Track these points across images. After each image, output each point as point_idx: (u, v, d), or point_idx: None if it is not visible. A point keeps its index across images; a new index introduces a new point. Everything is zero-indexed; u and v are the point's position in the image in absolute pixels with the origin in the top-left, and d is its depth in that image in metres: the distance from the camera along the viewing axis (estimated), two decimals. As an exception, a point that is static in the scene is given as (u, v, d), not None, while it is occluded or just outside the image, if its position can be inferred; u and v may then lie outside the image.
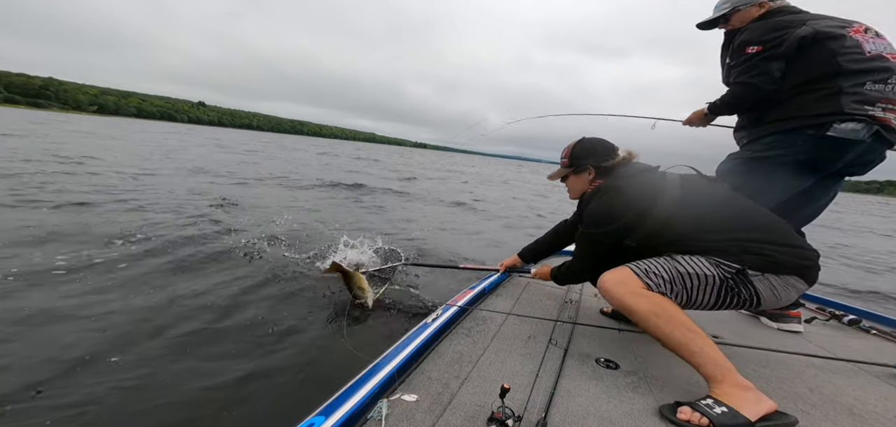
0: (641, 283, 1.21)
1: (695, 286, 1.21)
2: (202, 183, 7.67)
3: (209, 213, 4.94)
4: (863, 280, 5.52)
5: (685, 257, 1.24)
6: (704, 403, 1.03)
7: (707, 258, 1.21)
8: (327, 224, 4.99)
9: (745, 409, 0.99)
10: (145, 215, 4.46)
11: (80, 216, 4.12)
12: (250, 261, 3.25)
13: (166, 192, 6.14)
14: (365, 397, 0.97)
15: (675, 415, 1.03)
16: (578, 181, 1.61)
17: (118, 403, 1.52)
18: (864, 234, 12.07)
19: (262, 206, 5.88)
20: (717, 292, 1.21)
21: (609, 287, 1.27)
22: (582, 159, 1.57)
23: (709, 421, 0.98)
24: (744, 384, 1.05)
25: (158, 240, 3.50)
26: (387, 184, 11.53)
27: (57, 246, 3.10)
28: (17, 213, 4.00)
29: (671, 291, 1.21)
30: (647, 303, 1.18)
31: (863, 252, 8.07)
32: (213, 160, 12.88)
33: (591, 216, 1.44)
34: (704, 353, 1.09)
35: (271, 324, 2.23)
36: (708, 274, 1.19)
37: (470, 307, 1.73)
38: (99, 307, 2.21)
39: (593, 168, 1.56)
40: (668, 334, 1.13)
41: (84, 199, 4.87)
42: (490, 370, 1.22)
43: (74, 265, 2.74)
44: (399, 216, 6.76)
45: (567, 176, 1.64)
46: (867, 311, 2.37)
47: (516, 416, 0.95)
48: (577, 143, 1.60)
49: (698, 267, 1.20)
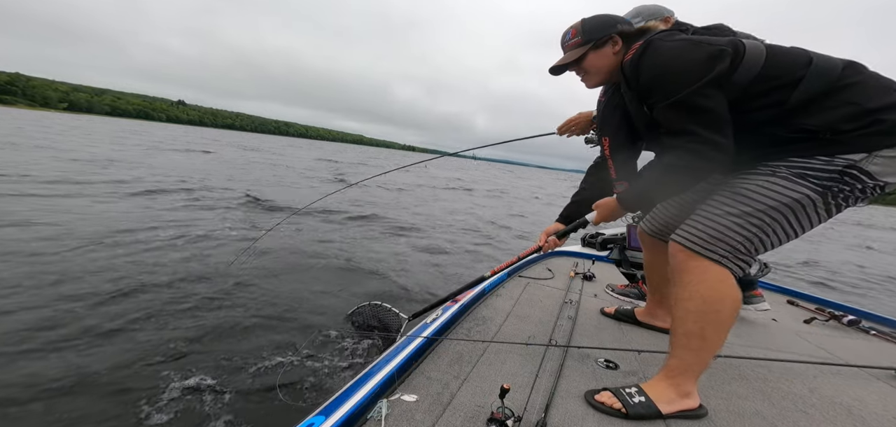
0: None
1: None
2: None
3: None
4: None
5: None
6: (627, 392, 1.08)
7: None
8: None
9: (662, 403, 1.04)
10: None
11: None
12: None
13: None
14: (365, 397, 0.97)
15: (594, 398, 1.09)
16: (601, 58, 1.22)
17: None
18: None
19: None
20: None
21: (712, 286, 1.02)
22: (603, 28, 1.20)
23: (622, 406, 1.04)
24: (685, 391, 1.06)
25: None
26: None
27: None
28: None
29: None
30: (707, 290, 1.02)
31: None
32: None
33: (677, 57, 1.00)
34: (699, 354, 1.06)
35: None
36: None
37: (470, 307, 1.73)
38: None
39: (620, 36, 1.19)
40: (691, 328, 1.05)
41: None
42: (490, 370, 1.22)
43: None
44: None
45: (583, 57, 1.23)
46: (867, 311, 2.37)
47: (516, 417, 0.96)
48: (588, 17, 1.25)
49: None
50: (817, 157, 0.95)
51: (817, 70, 0.94)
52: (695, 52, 0.98)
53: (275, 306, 2.77)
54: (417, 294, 3.46)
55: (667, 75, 1.00)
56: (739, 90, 0.98)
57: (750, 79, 0.97)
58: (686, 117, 0.98)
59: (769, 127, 1.00)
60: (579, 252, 3.21)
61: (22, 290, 2.53)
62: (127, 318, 2.34)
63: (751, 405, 1.18)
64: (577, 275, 2.54)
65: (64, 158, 9.84)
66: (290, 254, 4.05)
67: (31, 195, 5.30)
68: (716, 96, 0.96)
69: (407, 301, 3.23)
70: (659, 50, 1.03)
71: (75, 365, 1.88)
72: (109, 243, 3.64)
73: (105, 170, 8.75)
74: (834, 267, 7.92)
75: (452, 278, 4.08)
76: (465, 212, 9.86)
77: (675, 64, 1.00)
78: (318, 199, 3.60)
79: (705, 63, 0.95)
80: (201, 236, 4.32)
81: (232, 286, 3.02)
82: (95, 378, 1.81)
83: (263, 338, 2.33)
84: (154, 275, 3.04)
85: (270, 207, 6.82)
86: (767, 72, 0.97)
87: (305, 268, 3.73)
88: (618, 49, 1.20)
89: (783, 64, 0.97)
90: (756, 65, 0.97)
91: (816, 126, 0.93)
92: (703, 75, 0.95)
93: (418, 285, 3.70)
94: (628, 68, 1.11)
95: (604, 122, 1.44)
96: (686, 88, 0.96)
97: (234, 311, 2.64)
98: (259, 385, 1.87)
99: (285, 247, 4.27)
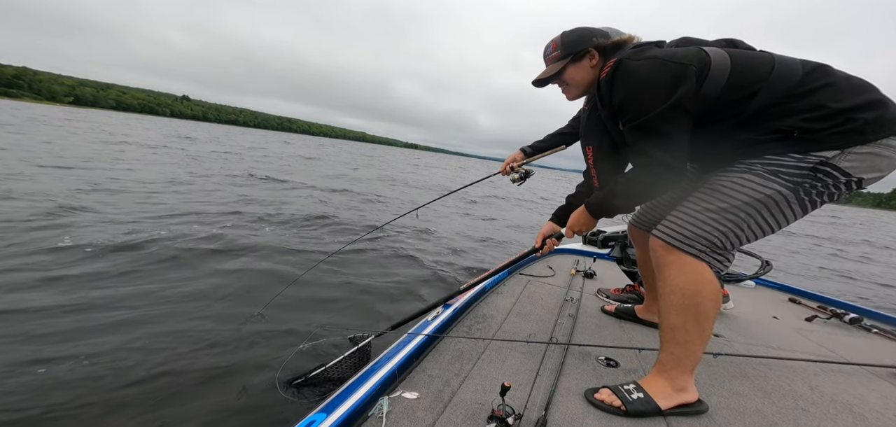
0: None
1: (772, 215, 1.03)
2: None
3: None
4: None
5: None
6: (625, 388, 1.10)
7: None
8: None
9: (660, 399, 1.06)
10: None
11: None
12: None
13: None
14: (366, 395, 0.98)
15: (593, 396, 1.10)
16: (579, 71, 1.26)
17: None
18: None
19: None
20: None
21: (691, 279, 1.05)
22: (580, 42, 1.23)
23: (622, 404, 1.05)
24: (680, 386, 1.08)
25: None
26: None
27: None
28: None
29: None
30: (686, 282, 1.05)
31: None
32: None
33: (643, 81, 1.03)
34: (686, 346, 1.06)
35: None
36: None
37: (471, 305, 1.73)
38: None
39: (597, 50, 1.22)
40: (674, 321, 1.07)
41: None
42: (490, 368, 1.23)
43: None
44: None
45: (562, 70, 1.27)
46: (869, 309, 2.37)
47: (517, 414, 0.96)
48: (567, 31, 1.28)
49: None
50: (790, 155, 0.98)
51: (778, 75, 0.98)
52: (661, 73, 1.02)
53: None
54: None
55: (634, 97, 1.06)
56: (711, 100, 1.02)
57: (719, 89, 1.01)
58: (645, 139, 1.04)
59: (742, 130, 1.04)
60: (580, 250, 3.21)
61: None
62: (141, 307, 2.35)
63: (752, 403, 1.18)
64: (577, 272, 2.54)
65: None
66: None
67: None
68: (676, 119, 1.01)
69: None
70: (629, 71, 1.07)
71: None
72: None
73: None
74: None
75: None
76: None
77: (641, 86, 1.04)
78: (408, 211, 3.45)
79: (669, 87, 1.00)
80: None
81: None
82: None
83: (276, 333, 2.31)
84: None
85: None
86: (733, 81, 1.01)
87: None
88: (595, 62, 1.25)
89: (746, 72, 1.01)
90: (722, 75, 1.01)
91: (787, 127, 0.97)
92: (666, 99, 0.99)
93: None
94: (603, 87, 1.15)
95: (587, 133, 1.46)
96: (649, 111, 1.02)
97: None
98: (260, 382, 1.88)
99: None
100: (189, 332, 2.19)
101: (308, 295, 2.87)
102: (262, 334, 2.30)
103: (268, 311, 2.49)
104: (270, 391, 1.79)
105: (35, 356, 1.83)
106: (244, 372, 1.92)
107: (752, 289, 2.77)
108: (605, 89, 1.14)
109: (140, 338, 2.07)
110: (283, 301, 2.64)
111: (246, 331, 2.29)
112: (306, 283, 2.97)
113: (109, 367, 1.82)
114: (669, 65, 1.02)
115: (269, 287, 2.87)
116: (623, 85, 1.08)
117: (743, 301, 2.35)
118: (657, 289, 1.13)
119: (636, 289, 2.11)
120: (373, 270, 3.66)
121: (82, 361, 1.83)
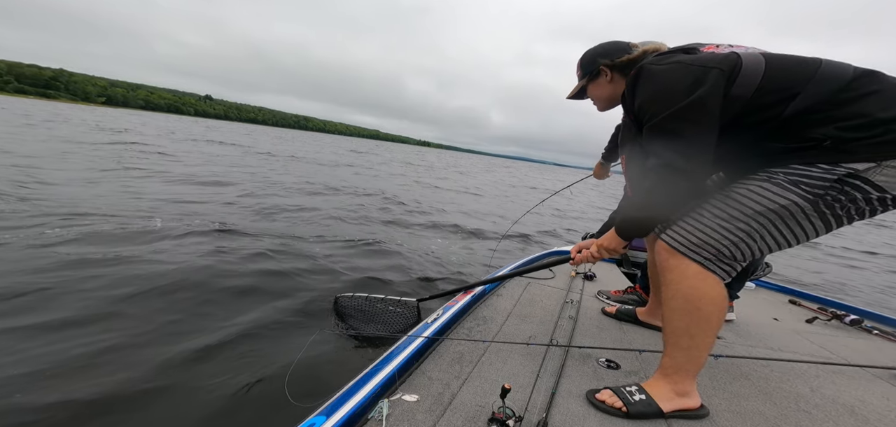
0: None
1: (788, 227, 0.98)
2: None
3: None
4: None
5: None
6: (627, 390, 1.09)
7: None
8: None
9: (662, 402, 1.06)
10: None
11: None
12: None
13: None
14: (366, 397, 0.97)
15: (594, 397, 1.10)
16: (598, 88, 1.32)
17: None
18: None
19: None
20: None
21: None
22: (590, 63, 1.29)
23: (623, 405, 1.05)
24: (682, 390, 1.07)
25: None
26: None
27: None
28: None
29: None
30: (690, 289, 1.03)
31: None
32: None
33: (661, 83, 1.00)
34: (688, 352, 1.05)
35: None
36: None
37: (471, 307, 1.73)
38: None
39: (607, 67, 1.25)
40: (679, 325, 1.06)
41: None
42: (491, 370, 1.22)
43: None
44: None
45: (585, 87, 1.35)
46: (869, 311, 2.37)
47: (517, 417, 0.95)
48: (585, 52, 1.34)
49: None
50: (818, 165, 0.91)
51: (823, 76, 0.91)
52: (681, 74, 0.97)
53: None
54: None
55: (650, 99, 1.02)
56: (742, 103, 0.97)
57: (751, 92, 0.95)
58: (656, 139, 0.99)
59: (773, 138, 0.98)
60: None
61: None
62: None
63: (753, 405, 1.17)
64: (578, 274, 2.53)
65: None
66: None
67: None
68: (692, 120, 0.95)
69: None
70: (649, 74, 1.04)
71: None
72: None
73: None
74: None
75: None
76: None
77: (658, 88, 1.01)
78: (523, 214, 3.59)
79: (688, 88, 0.95)
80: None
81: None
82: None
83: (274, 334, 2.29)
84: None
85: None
86: (767, 83, 0.94)
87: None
88: (610, 79, 1.26)
89: (784, 74, 0.95)
90: (755, 77, 0.95)
91: (819, 136, 0.90)
92: (681, 100, 0.94)
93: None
94: (627, 93, 1.13)
95: (623, 141, 1.45)
96: (663, 111, 0.97)
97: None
98: (261, 383, 1.86)
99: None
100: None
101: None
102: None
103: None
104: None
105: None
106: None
107: (751, 290, 2.77)
108: (628, 95, 1.12)
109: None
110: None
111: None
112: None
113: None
114: (692, 68, 0.97)
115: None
116: (642, 88, 1.05)
117: (743, 303, 2.35)
118: (662, 292, 1.11)
119: (637, 290, 2.11)
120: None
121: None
